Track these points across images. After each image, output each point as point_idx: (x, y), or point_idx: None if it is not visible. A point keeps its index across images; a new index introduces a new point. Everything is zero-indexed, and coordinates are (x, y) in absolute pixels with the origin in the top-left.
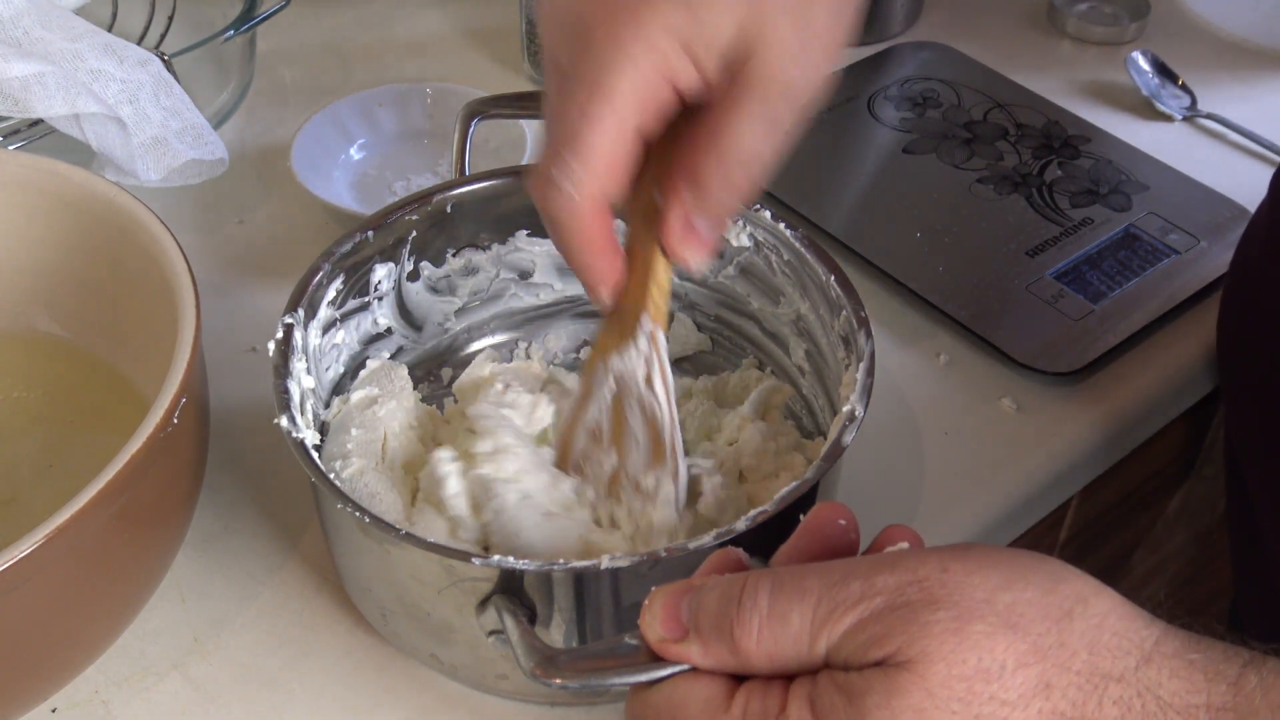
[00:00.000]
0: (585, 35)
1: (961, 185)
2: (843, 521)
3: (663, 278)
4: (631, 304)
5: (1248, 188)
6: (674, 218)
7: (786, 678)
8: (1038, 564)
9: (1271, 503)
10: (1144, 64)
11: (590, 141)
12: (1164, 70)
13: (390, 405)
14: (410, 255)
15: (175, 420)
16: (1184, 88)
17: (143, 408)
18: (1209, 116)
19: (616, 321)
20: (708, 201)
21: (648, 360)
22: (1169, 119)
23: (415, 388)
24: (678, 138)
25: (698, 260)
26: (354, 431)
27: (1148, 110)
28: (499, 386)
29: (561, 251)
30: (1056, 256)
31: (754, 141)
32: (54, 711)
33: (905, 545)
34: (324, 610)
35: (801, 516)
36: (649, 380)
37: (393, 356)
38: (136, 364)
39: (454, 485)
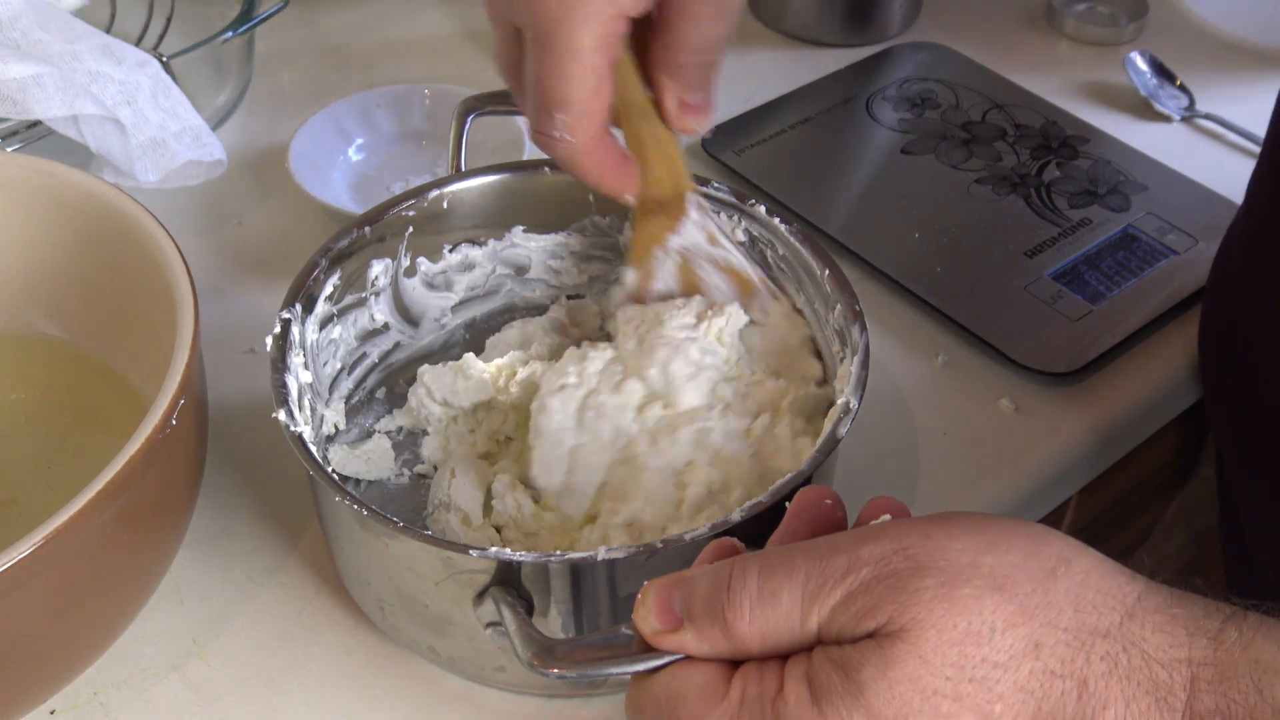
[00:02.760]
0: (535, 3)
1: (960, 186)
2: (828, 501)
3: (678, 156)
4: (670, 190)
5: (1245, 188)
6: (670, 102)
7: (781, 658)
8: (1019, 527)
9: (1254, 507)
10: (1142, 64)
11: (571, 97)
12: (1162, 71)
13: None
14: (407, 251)
15: (174, 421)
16: (1182, 88)
17: (141, 409)
18: (1207, 117)
19: (657, 210)
20: (691, 82)
21: (703, 225)
22: (1167, 119)
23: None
24: (643, 38)
25: (702, 125)
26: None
27: (1146, 110)
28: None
29: (580, 180)
30: (1055, 257)
31: (710, 29)
32: (53, 713)
33: (888, 517)
34: (323, 611)
35: (787, 505)
36: (712, 240)
37: (390, 352)
38: (135, 365)
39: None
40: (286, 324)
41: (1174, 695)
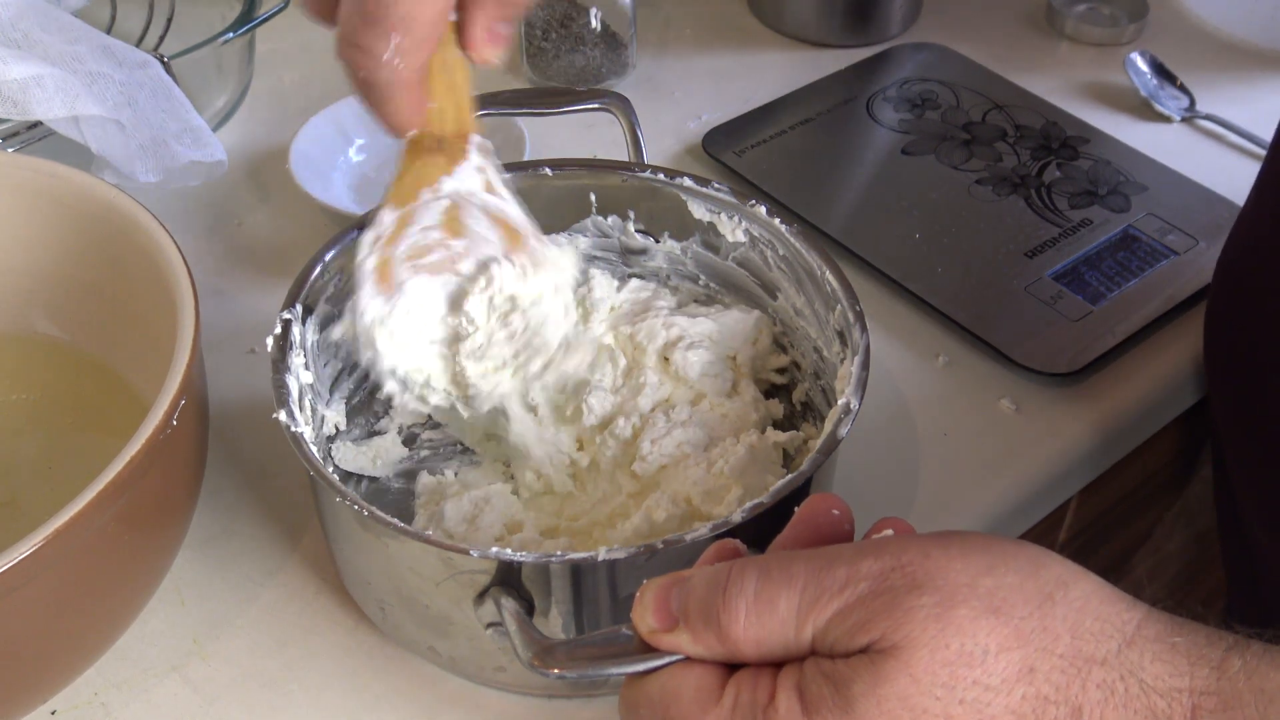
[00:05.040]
0: None
1: (960, 186)
2: (836, 511)
3: (468, 92)
4: (453, 127)
5: (1246, 189)
6: (479, 27)
7: (776, 666)
8: (1019, 549)
9: (1257, 507)
10: (1142, 65)
11: (418, 17)
12: (1162, 71)
13: None
14: None
15: (174, 422)
16: (1182, 89)
17: (142, 410)
18: (1207, 117)
19: (434, 149)
20: (504, 12)
21: (482, 170)
22: (1167, 120)
23: None
24: None
25: (500, 55)
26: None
27: (1146, 111)
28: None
29: (372, 107)
30: (1055, 257)
31: None
32: (53, 714)
33: (890, 532)
34: (323, 611)
35: (795, 509)
36: (489, 188)
37: None
38: (135, 366)
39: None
40: (287, 324)
41: None
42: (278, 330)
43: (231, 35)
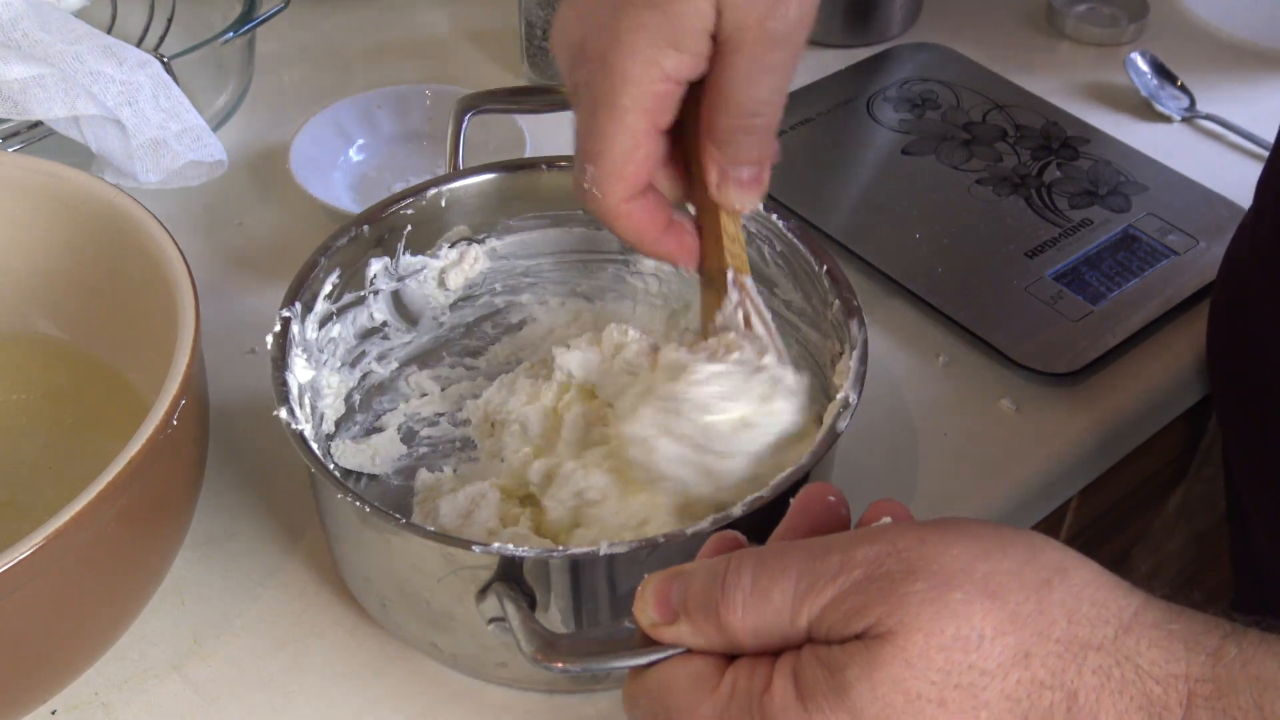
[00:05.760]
0: (586, 59)
1: (960, 186)
2: (831, 498)
3: (731, 229)
4: (715, 264)
5: (1246, 189)
6: (710, 172)
7: (775, 654)
8: (1016, 535)
9: (1260, 506)
10: (1143, 65)
11: (603, 153)
12: (1163, 71)
13: None
14: (405, 249)
15: (175, 422)
16: (1183, 88)
17: (142, 409)
18: (1208, 117)
19: (709, 285)
20: (733, 150)
21: (742, 305)
22: (1168, 120)
23: (418, 376)
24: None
25: (746, 201)
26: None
27: (1147, 111)
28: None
29: (620, 239)
30: (1055, 257)
31: (753, 89)
32: (54, 714)
33: (888, 520)
34: (324, 611)
35: (791, 500)
36: (748, 322)
37: (389, 351)
38: (136, 366)
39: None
40: (287, 322)
41: (1169, 711)
42: (277, 328)
43: (231, 35)
